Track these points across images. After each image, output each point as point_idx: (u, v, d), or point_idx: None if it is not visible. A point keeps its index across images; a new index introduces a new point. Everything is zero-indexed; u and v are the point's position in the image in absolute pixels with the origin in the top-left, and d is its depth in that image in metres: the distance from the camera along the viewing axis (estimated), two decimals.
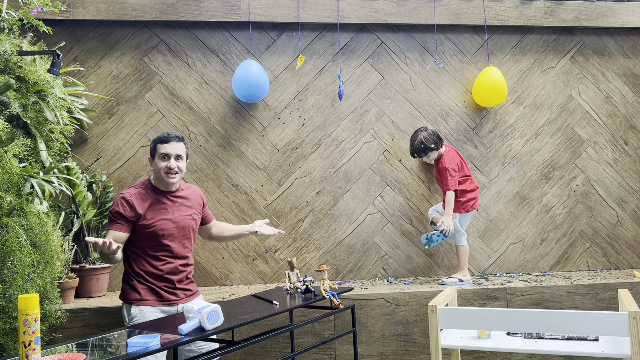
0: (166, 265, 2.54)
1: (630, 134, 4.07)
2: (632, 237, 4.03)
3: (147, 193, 2.54)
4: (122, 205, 2.47)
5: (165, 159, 2.51)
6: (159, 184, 2.58)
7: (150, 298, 2.49)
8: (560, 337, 2.43)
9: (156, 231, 2.50)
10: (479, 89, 3.78)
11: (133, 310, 2.47)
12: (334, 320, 3.20)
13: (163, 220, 2.52)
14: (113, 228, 2.47)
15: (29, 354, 1.54)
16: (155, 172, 2.56)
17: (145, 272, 2.51)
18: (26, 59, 2.83)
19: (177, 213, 2.58)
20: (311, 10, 3.76)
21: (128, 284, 2.53)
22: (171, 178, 2.53)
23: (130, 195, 2.50)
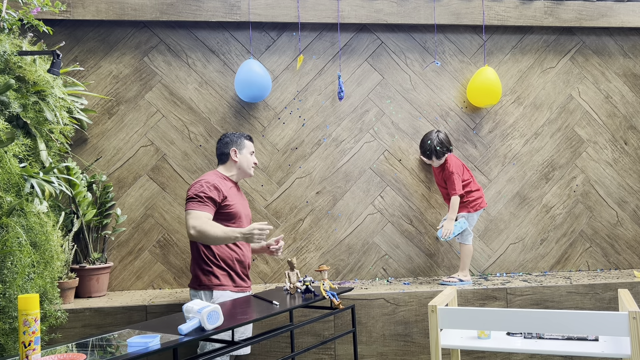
0: (240, 250, 2.81)
1: (630, 134, 4.07)
2: (632, 237, 4.03)
3: (222, 180, 2.84)
4: (210, 189, 2.70)
5: (252, 154, 2.99)
6: (233, 175, 2.94)
7: (228, 284, 2.75)
8: (560, 337, 2.43)
9: (235, 212, 2.78)
10: (473, 89, 3.79)
11: (215, 294, 2.70)
12: (334, 320, 3.20)
13: (238, 204, 2.84)
14: (204, 209, 2.65)
15: (29, 354, 1.54)
16: (241, 163, 2.93)
17: (222, 257, 2.75)
18: (26, 59, 2.83)
19: (244, 201, 3.00)
20: (311, 10, 3.76)
21: (204, 270, 2.73)
22: (253, 170, 3.01)
23: (213, 180, 2.77)
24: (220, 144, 2.98)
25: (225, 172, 2.94)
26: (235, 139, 2.96)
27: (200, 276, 2.75)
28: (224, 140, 2.97)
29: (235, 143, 2.95)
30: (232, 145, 2.94)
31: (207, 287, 2.72)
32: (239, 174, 2.96)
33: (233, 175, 2.95)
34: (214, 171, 2.93)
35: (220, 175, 2.90)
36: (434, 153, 3.59)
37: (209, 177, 2.80)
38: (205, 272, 2.74)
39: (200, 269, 2.76)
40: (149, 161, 3.68)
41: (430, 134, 3.64)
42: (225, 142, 2.96)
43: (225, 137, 2.98)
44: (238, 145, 2.95)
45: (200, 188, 2.71)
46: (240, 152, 2.94)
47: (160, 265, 3.63)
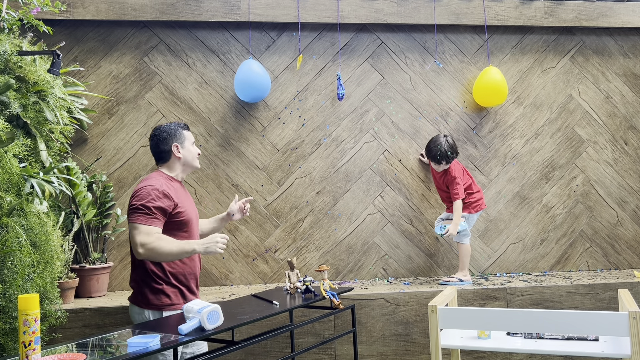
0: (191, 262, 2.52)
1: (630, 134, 4.07)
2: (632, 237, 4.03)
3: (169, 182, 2.49)
4: (159, 197, 2.35)
5: (195, 144, 2.66)
6: (177, 174, 2.58)
7: (179, 302, 2.43)
8: (560, 337, 2.43)
9: (186, 219, 2.48)
10: (480, 89, 3.78)
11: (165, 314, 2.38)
12: (334, 320, 3.20)
13: (189, 208, 2.53)
14: (153, 224, 2.31)
15: (29, 354, 1.54)
16: (185, 158, 2.57)
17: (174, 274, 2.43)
18: (26, 59, 2.83)
19: (191, 201, 2.64)
20: (311, 10, 3.76)
21: (153, 288, 2.40)
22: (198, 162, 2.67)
23: (161, 185, 2.40)
24: (156, 141, 2.56)
25: (169, 172, 2.56)
26: (173, 132, 2.56)
27: (148, 295, 2.39)
28: (161, 136, 2.55)
29: (175, 137, 2.55)
30: (171, 140, 2.54)
31: (156, 307, 2.39)
32: (184, 170, 2.61)
33: (177, 174, 2.58)
34: (157, 172, 2.54)
35: (165, 176, 2.52)
36: (444, 158, 3.48)
37: (155, 182, 2.41)
38: (155, 291, 2.39)
39: (148, 287, 2.40)
40: (149, 161, 3.67)
41: (439, 138, 3.52)
42: (163, 138, 2.54)
43: (162, 132, 2.56)
44: (178, 138, 2.56)
45: (147, 197, 2.34)
46: (183, 146, 2.57)
47: None
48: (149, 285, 2.41)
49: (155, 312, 2.39)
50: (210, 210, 3.68)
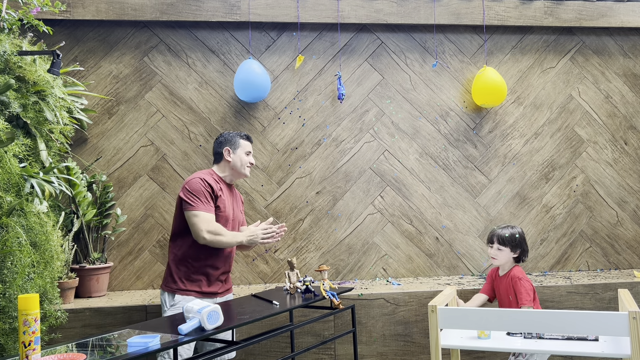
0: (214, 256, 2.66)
1: (630, 134, 4.07)
2: (632, 237, 4.03)
3: (215, 179, 2.72)
4: (205, 186, 2.60)
5: (249, 154, 2.84)
6: (226, 175, 2.80)
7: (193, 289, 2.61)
8: (560, 337, 2.43)
9: (224, 216, 2.67)
10: (478, 89, 3.78)
11: (177, 298, 2.57)
12: (334, 320, 3.20)
13: (229, 207, 2.74)
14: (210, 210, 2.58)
15: (29, 354, 1.54)
16: (235, 163, 2.78)
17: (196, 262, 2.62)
18: (26, 59, 2.83)
19: (235, 204, 2.84)
20: (311, 10, 3.76)
21: (174, 272, 2.62)
22: (249, 171, 2.86)
23: (207, 178, 2.65)
24: (215, 143, 2.87)
25: (219, 172, 2.81)
26: (230, 138, 2.83)
27: (168, 276, 2.66)
28: (219, 140, 2.85)
29: (230, 142, 2.82)
30: (225, 144, 2.81)
31: (169, 289, 2.61)
32: (233, 174, 2.82)
33: (226, 175, 2.81)
34: (208, 169, 2.81)
35: (213, 173, 2.78)
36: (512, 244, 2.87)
37: (202, 174, 2.69)
38: (172, 272, 2.63)
39: (170, 268, 2.66)
40: (149, 161, 3.68)
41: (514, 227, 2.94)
42: (220, 142, 2.84)
43: (221, 136, 2.87)
44: (232, 144, 2.81)
45: (199, 186, 2.60)
46: (234, 152, 2.80)
47: (160, 265, 3.63)
48: (171, 268, 2.65)
49: (170, 294, 2.61)
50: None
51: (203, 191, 2.59)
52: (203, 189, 2.60)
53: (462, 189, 3.91)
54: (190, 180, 2.64)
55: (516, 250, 2.88)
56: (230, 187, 2.85)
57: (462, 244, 3.88)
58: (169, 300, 2.59)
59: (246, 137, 2.87)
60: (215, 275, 2.67)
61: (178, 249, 2.65)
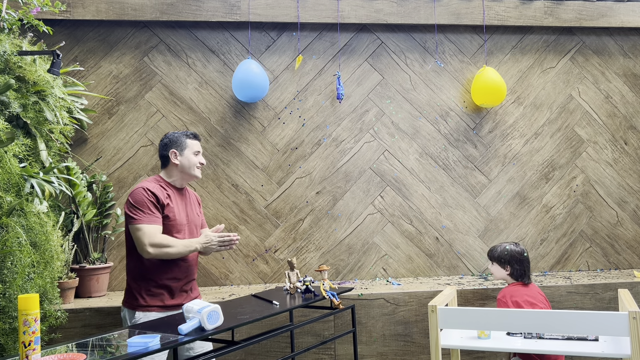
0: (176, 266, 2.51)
1: (630, 134, 4.07)
2: (632, 237, 4.03)
3: (162, 186, 2.55)
4: (148, 196, 2.43)
5: (197, 154, 2.64)
6: (175, 180, 2.62)
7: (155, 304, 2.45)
8: (560, 337, 2.43)
9: (172, 225, 2.49)
10: (477, 89, 3.78)
11: (137, 315, 2.42)
12: (334, 320, 3.20)
13: (181, 214, 2.56)
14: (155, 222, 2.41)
15: (29, 354, 1.54)
16: (183, 166, 2.60)
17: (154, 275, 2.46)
18: (26, 59, 2.83)
19: (189, 209, 2.65)
20: (311, 10, 3.76)
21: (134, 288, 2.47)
22: (200, 173, 2.67)
23: (151, 187, 2.48)
24: (160, 146, 2.65)
25: (166, 177, 2.61)
26: (175, 139, 2.62)
27: (127, 292, 2.50)
28: (163, 141, 2.64)
29: (175, 143, 2.61)
30: (171, 146, 2.61)
31: (129, 306, 2.46)
32: (182, 177, 2.62)
33: (175, 180, 2.62)
34: (154, 176, 2.63)
35: (161, 180, 2.59)
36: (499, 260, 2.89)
37: (145, 184, 2.50)
38: (131, 289, 2.48)
39: (129, 284, 2.51)
40: (149, 161, 3.68)
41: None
42: (164, 144, 2.63)
43: (165, 137, 2.65)
44: (178, 146, 2.61)
45: (142, 197, 2.42)
46: (181, 154, 2.59)
47: None
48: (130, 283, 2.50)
49: (130, 311, 2.46)
50: (210, 210, 3.68)
51: (146, 202, 2.42)
52: (146, 200, 2.42)
53: (462, 189, 3.91)
54: (133, 191, 2.47)
55: (505, 266, 2.86)
56: (182, 191, 2.66)
57: (462, 244, 3.88)
58: (130, 317, 2.45)
59: (193, 135, 2.68)
60: (177, 287, 2.51)
61: (134, 264, 2.49)
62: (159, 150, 2.66)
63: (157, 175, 2.64)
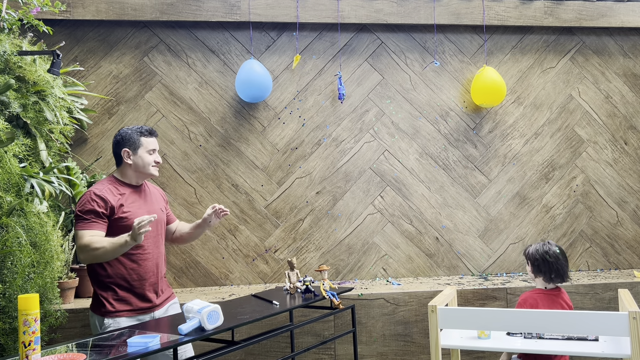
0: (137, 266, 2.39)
1: (630, 134, 4.07)
2: (632, 237, 4.03)
3: (115, 187, 2.42)
4: (92, 201, 2.30)
5: (152, 152, 2.49)
6: (131, 178, 2.48)
7: (122, 308, 2.34)
8: (560, 337, 2.43)
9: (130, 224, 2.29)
10: (477, 89, 3.78)
11: (106, 322, 2.31)
12: (334, 320, 3.20)
13: (138, 212, 2.39)
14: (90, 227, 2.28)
15: (29, 354, 1.54)
16: (137, 165, 2.45)
17: (117, 278, 2.35)
18: (26, 59, 2.83)
19: (149, 205, 2.50)
20: (311, 10, 3.76)
21: (98, 293, 2.36)
22: (157, 171, 2.52)
23: (99, 190, 2.34)
24: (113, 143, 2.51)
25: (120, 177, 2.49)
26: (127, 137, 2.46)
27: (94, 299, 2.39)
28: (116, 139, 2.49)
29: (128, 142, 2.45)
30: (123, 144, 2.45)
31: (98, 313, 2.34)
32: (138, 176, 2.49)
33: (130, 178, 2.48)
34: (109, 176, 2.51)
35: (114, 180, 2.46)
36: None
37: (96, 186, 2.39)
38: (98, 295, 2.36)
39: (95, 290, 2.39)
40: None
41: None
42: (116, 142, 2.47)
43: (117, 135, 2.49)
44: (131, 144, 2.45)
45: (83, 202, 2.32)
46: (135, 153, 2.45)
47: None
48: (95, 289, 2.39)
49: (98, 317, 2.34)
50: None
51: (88, 208, 2.30)
52: (88, 206, 2.30)
53: (462, 189, 3.91)
54: (81, 197, 2.38)
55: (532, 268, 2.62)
56: (139, 188, 2.52)
57: (462, 244, 3.88)
58: (99, 324, 2.33)
59: (148, 132, 2.50)
60: (143, 286, 2.40)
61: (93, 270, 2.38)
62: (113, 147, 2.51)
63: (111, 175, 2.51)
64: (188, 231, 2.72)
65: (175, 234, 2.74)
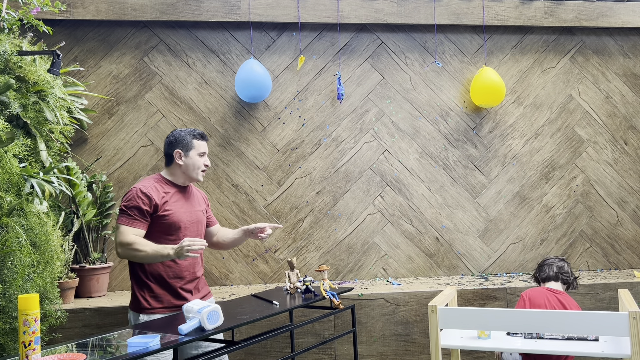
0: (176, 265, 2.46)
1: (630, 134, 4.07)
2: (632, 237, 4.03)
3: (161, 185, 2.50)
4: (138, 197, 2.38)
5: (202, 155, 2.56)
6: (179, 179, 2.56)
7: (157, 306, 2.42)
8: (560, 337, 2.43)
9: (172, 222, 2.44)
10: (477, 89, 3.78)
11: (142, 317, 2.40)
12: (334, 320, 3.20)
13: (180, 211, 2.48)
14: (132, 224, 2.36)
15: (29, 354, 1.54)
16: (187, 167, 2.52)
17: (154, 276, 2.43)
18: (26, 59, 2.83)
19: (190, 206, 2.57)
20: (311, 10, 3.76)
21: (136, 290, 2.44)
22: (203, 175, 2.60)
23: (145, 187, 2.42)
24: (165, 143, 2.58)
25: (167, 176, 2.55)
26: (181, 138, 2.54)
27: (132, 296, 2.48)
28: (169, 139, 2.56)
29: (181, 143, 2.53)
30: (176, 145, 2.53)
31: (135, 309, 2.43)
32: (185, 178, 2.56)
33: (177, 179, 2.55)
34: (156, 174, 2.57)
35: (160, 179, 2.53)
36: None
37: (142, 183, 2.47)
38: (135, 292, 2.44)
39: (133, 288, 2.47)
40: (149, 161, 3.68)
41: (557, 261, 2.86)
42: (170, 142, 2.55)
43: (171, 135, 2.57)
44: (184, 146, 2.53)
45: (128, 198, 2.40)
46: (187, 155, 2.52)
47: None
48: (133, 286, 2.47)
49: (135, 313, 2.43)
50: None
51: (134, 204, 2.38)
52: (134, 202, 2.38)
53: (462, 189, 3.91)
54: (127, 192, 2.45)
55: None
56: (185, 189, 2.59)
57: (462, 244, 3.88)
58: (134, 320, 2.43)
59: (200, 135, 2.59)
60: (180, 285, 2.47)
61: (133, 267, 2.47)
62: (164, 147, 2.58)
63: (158, 173, 2.59)
64: (229, 240, 2.79)
65: (215, 238, 2.79)
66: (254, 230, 2.68)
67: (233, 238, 2.77)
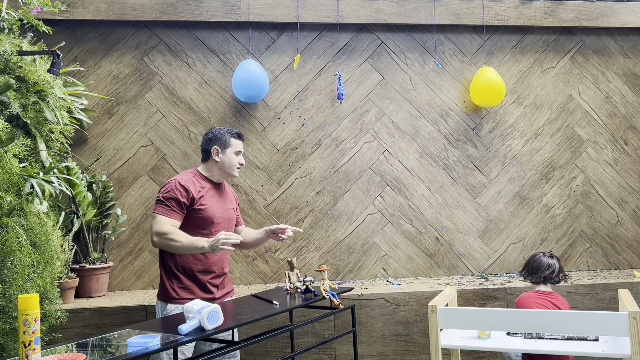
0: (205, 259, 2.55)
1: (630, 134, 4.07)
2: (632, 237, 4.03)
3: (198, 180, 2.59)
4: (177, 190, 2.47)
5: (238, 154, 2.66)
6: (214, 175, 2.65)
7: (185, 297, 2.49)
8: (560, 337, 2.43)
9: (207, 217, 2.53)
10: (477, 89, 3.78)
11: (169, 307, 2.48)
12: (334, 320, 3.20)
13: (214, 207, 2.58)
14: (169, 215, 2.44)
15: (29, 354, 1.54)
16: (223, 164, 2.62)
17: (184, 268, 2.51)
18: (26, 59, 2.83)
19: (224, 203, 2.67)
20: (311, 10, 3.76)
21: (165, 281, 2.52)
22: (238, 173, 2.69)
23: (183, 180, 2.52)
24: (203, 140, 2.68)
25: (204, 172, 2.66)
26: (220, 136, 2.63)
27: (160, 286, 2.57)
28: (208, 136, 2.66)
29: (219, 140, 2.62)
30: (214, 142, 2.62)
31: (162, 299, 2.52)
32: (221, 174, 2.66)
33: (213, 175, 2.66)
34: (193, 169, 2.68)
35: (197, 174, 2.63)
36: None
37: (180, 176, 2.57)
38: (164, 282, 2.54)
39: (162, 278, 2.56)
40: (149, 161, 3.68)
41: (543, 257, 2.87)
42: (209, 138, 2.65)
43: (210, 132, 2.67)
44: (221, 143, 2.62)
45: (167, 189, 2.49)
46: (223, 152, 2.62)
47: None
48: (162, 276, 2.56)
49: (162, 303, 2.52)
50: None
51: (172, 196, 2.46)
52: (172, 194, 2.46)
53: (462, 189, 3.91)
54: (166, 183, 2.54)
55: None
56: (219, 186, 2.69)
57: (462, 244, 3.88)
58: (162, 310, 2.52)
59: (237, 135, 2.67)
60: (207, 279, 2.56)
61: (164, 258, 2.55)
62: (202, 143, 2.67)
63: (195, 168, 2.68)
64: (251, 240, 2.83)
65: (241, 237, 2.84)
66: (275, 231, 2.73)
67: (255, 238, 2.82)
